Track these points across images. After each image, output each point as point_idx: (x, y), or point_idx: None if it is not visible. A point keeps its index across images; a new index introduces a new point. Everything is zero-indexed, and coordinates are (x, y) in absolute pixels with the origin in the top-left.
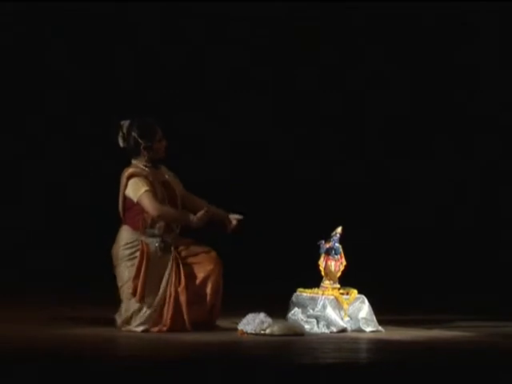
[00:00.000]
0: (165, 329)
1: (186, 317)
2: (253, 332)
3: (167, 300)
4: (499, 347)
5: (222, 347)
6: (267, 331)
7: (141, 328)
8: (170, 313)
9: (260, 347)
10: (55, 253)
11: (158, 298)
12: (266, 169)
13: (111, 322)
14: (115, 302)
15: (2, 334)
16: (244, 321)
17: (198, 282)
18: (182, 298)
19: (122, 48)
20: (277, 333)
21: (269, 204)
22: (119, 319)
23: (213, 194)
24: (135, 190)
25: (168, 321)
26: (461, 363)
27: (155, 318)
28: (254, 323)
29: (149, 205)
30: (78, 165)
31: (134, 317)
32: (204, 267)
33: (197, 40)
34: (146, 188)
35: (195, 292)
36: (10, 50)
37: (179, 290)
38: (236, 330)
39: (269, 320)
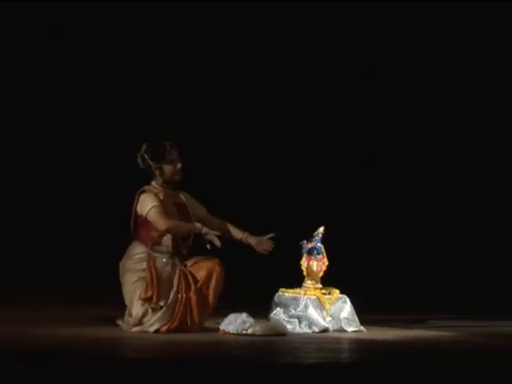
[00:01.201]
0: (174, 325)
1: (197, 318)
2: (235, 332)
3: (179, 302)
4: (482, 347)
5: (204, 347)
6: (249, 331)
7: (154, 327)
8: (180, 313)
9: (242, 347)
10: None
11: (169, 302)
12: (251, 171)
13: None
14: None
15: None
16: (226, 321)
17: (201, 281)
18: (193, 300)
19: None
20: (259, 333)
21: (252, 204)
22: (127, 323)
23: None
24: (144, 205)
25: (177, 319)
26: (442, 363)
27: (167, 318)
28: (235, 323)
29: (156, 219)
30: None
31: (145, 318)
32: (205, 267)
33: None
34: (154, 203)
35: (201, 291)
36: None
37: (191, 294)
38: (218, 329)
39: (251, 320)
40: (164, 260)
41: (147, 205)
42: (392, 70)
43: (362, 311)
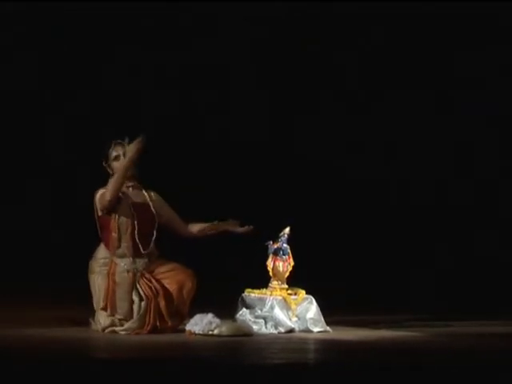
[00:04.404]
0: (144, 332)
1: (169, 321)
2: (201, 332)
3: (149, 311)
4: (445, 347)
5: (170, 348)
6: (215, 332)
7: (124, 333)
8: (152, 320)
9: (208, 348)
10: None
11: (138, 313)
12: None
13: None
14: None
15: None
16: (192, 321)
17: (173, 294)
18: (162, 305)
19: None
20: (225, 333)
21: (219, 203)
22: (99, 325)
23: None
24: (96, 202)
25: (149, 326)
26: (407, 363)
27: (139, 326)
28: (202, 324)
29: (100, 197)
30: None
31: (115, 327)
32: (177, 281)
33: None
34: (99, 192)
35: (172, 301)
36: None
37: (159, 299)
38: (184, 330)
39: (217, 320)
40: (124, 266)
41: (96, 199)
42: None
43: (328, 312)
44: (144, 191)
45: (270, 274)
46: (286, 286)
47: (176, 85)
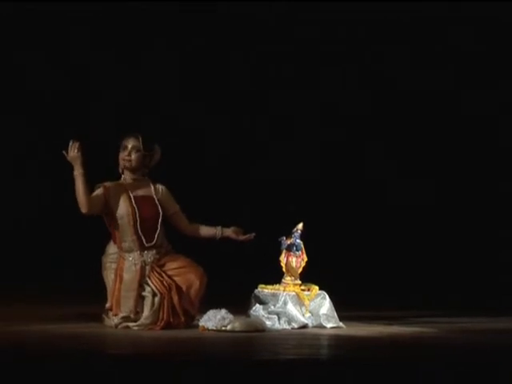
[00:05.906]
0: (157, 329)
1: (183, 316)
2: (214, 328)
3: (162, 306)
4: (458, 343)
5: (183, 344)
6: (228, 327)
7: (137, 328)
8: (166, 317)
9: (221, 343)
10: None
11: (150, 304)
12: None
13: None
14: None
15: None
16: (205, 317)
17: (184, 291)
18: (176, 301)
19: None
20: (238, 329)
21: (230, 200)
22: (112, 321)
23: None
24: None
25: (162, 323)
26: (421, 359)
27: (153, 321)
28: (215, 319)
29: None
30: None
31: (129, 320)
32: (185, 280)
33: None
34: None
35: (183, 297)
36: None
37: (172, 293)
38: (197, 326)
39: (230, 316)
40: (132, 260)
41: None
42: None
43: (342, 307)
44: (151, 184)
45: (283, 269)
46: (300, 282)
47: None
